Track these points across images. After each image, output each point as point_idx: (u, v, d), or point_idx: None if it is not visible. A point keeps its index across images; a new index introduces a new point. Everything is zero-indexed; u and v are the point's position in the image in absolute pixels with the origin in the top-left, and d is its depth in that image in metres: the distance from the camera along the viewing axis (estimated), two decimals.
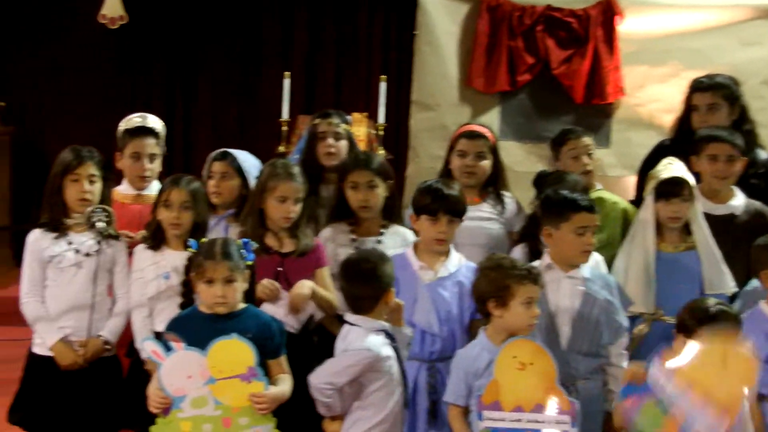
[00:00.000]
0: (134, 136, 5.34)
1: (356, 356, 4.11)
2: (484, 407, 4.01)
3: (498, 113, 7.79)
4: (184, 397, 4.04)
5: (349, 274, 4.27)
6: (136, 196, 5.31)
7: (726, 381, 3.88)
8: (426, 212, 4.62)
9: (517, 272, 4.15)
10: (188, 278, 4.41)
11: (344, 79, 10.15)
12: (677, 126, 5.85)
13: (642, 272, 4.90)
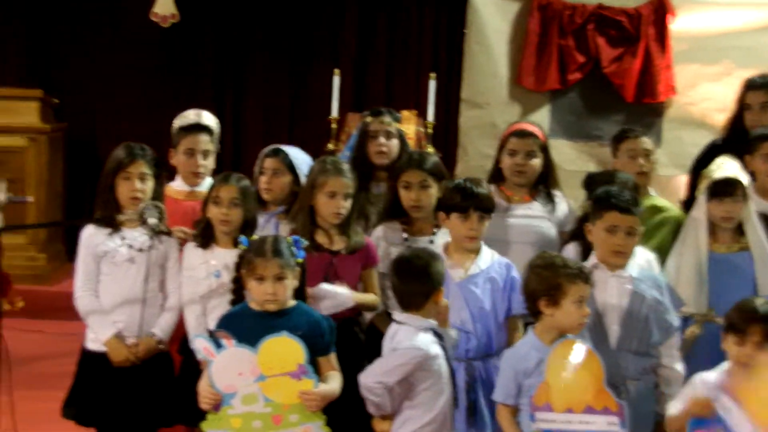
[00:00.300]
0: (188, 132, 5.37)
1: (406, 355, 4.11)
2: (537, 408, 4.00)
3: (548, 112, 7.80)
4: (234, 394, 4.06)
5: (401, 271, 4.27)
6: (189, 192, 5.34)
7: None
8: (457, 210, 4.61)
9: (569, 271, 4.13)
10: (239, 275, 4.43)
11: (394, 76, 10.15)
12: (730, 125, 5.81)
13: (694, 273, 4.87)
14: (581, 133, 7.78)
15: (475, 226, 4.61)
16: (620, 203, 4.47)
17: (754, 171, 5.17)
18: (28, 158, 9.44)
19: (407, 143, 5.78)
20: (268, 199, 5.25)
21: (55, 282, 9.26)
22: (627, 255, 4.50)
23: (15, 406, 4.57)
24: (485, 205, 4.65)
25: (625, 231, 4.45)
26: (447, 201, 4.68)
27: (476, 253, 4.69)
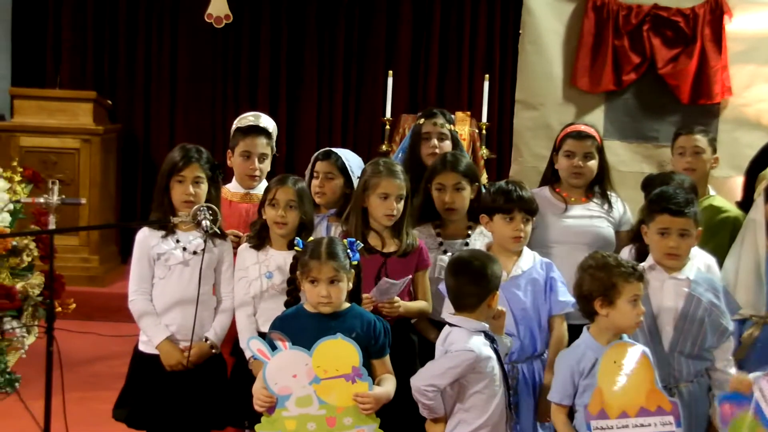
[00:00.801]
0: (246, 134, 5.39)
1: (458, 357, 4.10)
2: (592, 417, 3.98)
3: (603, 113, 7.74)
4: (289, 396, 4.06)
5: (457, 271, 4.27)
6: (245, 194, 5.37)
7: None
8: (501, 212, 4.63)
9: (624, 270, 4.12)
10: (294, 277, 4.45)
11: (447, 77, 10.14)
12: None
13: (752, 274, 4.83)
14: (636, 135, 7.72)
15: (520, 227, 4.62)
16: (671, 205, 4.46)
17: None
18: (81, 160, 9.51)
19: (461, 144, 5.77)
20: (320, 202, 5.25)
21: (109, 284, 9.31)
22: (681, 257, 4.48)
23: (67, 408, 4.59)
24: (529, 206, 4.68)
25: (678, 233, 4.44)
26: (490, 203, 4.70)
27: (518, 255, 4.70)
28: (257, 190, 5.36)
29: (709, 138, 5.61)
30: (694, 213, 4.47)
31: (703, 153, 5.50)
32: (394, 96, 8.25)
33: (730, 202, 5.68)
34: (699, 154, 5.49)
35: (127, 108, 10.58)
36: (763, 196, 4.89)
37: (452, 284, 4.28)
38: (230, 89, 10.39)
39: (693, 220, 4.46)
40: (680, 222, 4.44)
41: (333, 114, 10.23)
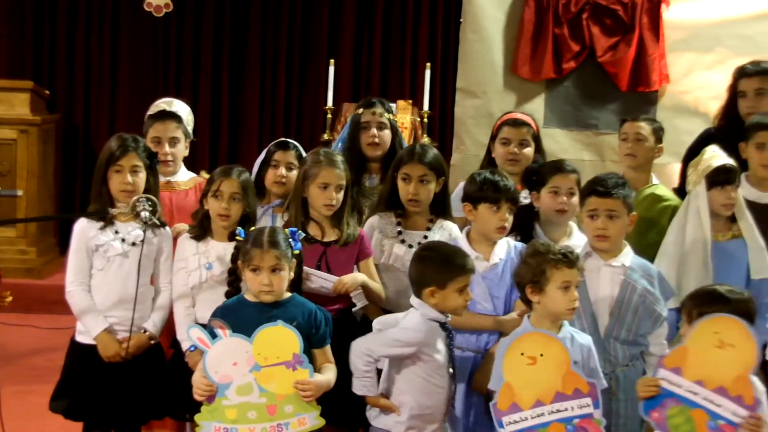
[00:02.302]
0: (155, 120, 5.38)
1: (404, 333, 4.13)
2: (503, 414, 3.94)
3: (543, 101, 7.83)
4: (229, 385, 4.04)
5: (423, 255, 4.28)
6: (165, 183, 5.29)
7: (727, 362, 3.85)
8: (488, 201, 4.61)
9: (552, 256, 4.13)
10: (235, 267, 4.43)
11: (390, 66, 10.14)
12: (723, 113, 5.81)
13: (700, 262, 4.88)
14: (576, 122, 7.80)
15: (506, 216, 4.62)
16: (598, 187, 4.52)
17: (748, 159, 5.17)
18: (18, 151, 9.37)
19: (400, 134, 5.76)
20: (279, 192, 5.22)
21: (47, 276, 9.22)
22: (611, 239, 4.50)
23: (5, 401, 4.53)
24: (514, 196, 4.69)
25: (606, 214, 4.48)
26: (477, 192, 4.67)
27: (494, 244, 4.70)
28: (178, 177, 5.36)
29: (654, 127, 5.65)
30: (623, 195, 4.50)
31: (646, 141, 5.54)
32: (336, 85, 8.23)
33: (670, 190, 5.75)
34: (641, 141, 5.53)
35: (67, 98, 10.47)
36: (704, 184, 4.93)
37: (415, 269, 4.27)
38: (172, 78, 10.31)
39: (622, 201, 4.48)
40: (607, 203, 4.47)
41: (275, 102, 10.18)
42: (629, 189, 4.60)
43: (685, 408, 3.92)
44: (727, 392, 3.84)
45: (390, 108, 5.72)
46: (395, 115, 6.28)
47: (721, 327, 3.89)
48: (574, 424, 3.93)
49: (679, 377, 3.95)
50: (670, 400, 3.96)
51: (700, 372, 3.91)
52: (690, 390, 3.92)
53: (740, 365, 3.85)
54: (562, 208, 4.82)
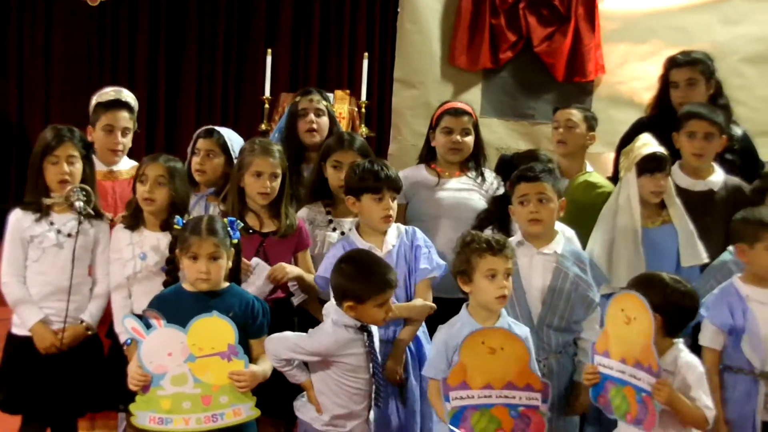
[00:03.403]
0: (108, 108, 5.33)
1: (310, 343, 4.13)
2: (450, 389, 3.98)
3: (480, 91, 7.84)
4: (164, 375, 4.05)
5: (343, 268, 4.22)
6: (108, 172, 5.29)
7: (635, 335, 3.92)
8: (370, 192, 4.61)
9: (476, 245, 4.15)
10: (173, 255, 4.41)
11: (328, 56, 10.14)
12: (655, 103, 5.89)
13: (631, 249, 4.93)
14: (513, 112, 7.84)
15: (390, 205, 4.63)
16: (527, 172, 4.58)
17: (680, 148, 5.24)
18: None
19: (338, 123, 5.78)
20: (200, 180, 5.22)
21: None
22: (543, 222, 4.55)
23: None
24: (395, 184, 4.69)
25: (536, 198, 4.53)
26: (358, 183, 4.66)
27: (384, 232, 4.71)
28: (120, 166, 5.34)
29: (585, 115, 5.71)
30: (550, 179, 4.56)
31: (576, 127, 5.61)
32: (274, 75, 8.22)
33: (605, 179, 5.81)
34: (571, 128, 5.60)
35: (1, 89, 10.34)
36: (635, 171, 4.98)
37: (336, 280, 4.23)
38: (108, 69, 10.22)
39: (551, 186, 4.54)
40: (537, 187, 4.53)
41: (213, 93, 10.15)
42: (556, 175, 4.68)
43: (620, 387, 4.00)
44: (641, 364, 3.92)
45: (327, 97, 5.74)
46: (333, 105, 6.30)
47: (624, 303, 3.99)
48: (518, 411, 3.97)
49: (609, 359, 4.03)
50: (609, 383, 4.04)
51: (621, 350, 3.99)
52: (619, 369, 3.99)
53: (643, 336, 3.91)
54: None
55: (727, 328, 4.37)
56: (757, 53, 7.71)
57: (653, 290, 4.02)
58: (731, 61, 7.34)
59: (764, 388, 4.32)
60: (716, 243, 4.90)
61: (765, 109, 7.47)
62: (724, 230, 4.76)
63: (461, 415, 3.97)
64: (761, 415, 4.32)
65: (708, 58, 5.73)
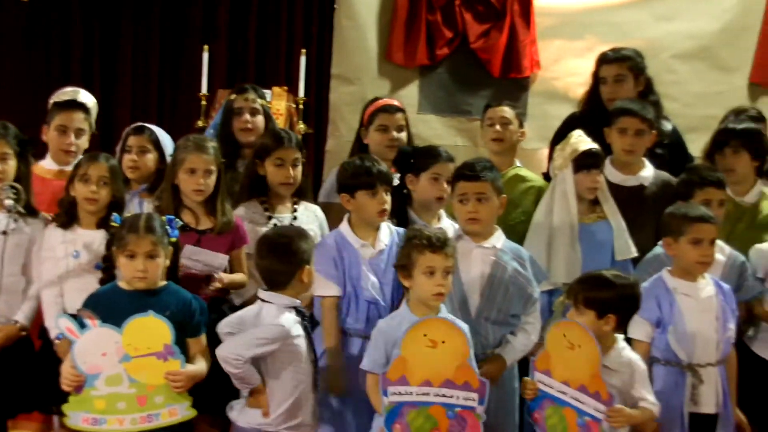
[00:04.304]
0: (62, 109, 5.31)
1: (267, 331, 4.13)
2: (389, 383, 4.00)
3: (417, 87, 7.90)
4: (98, 375, 4.02)
5: (265, 251, 4.28)
6: (59, 171, 5.24)
7: (581, 362, 3.98)
8: (364, 188, 4.62)
9: (417, 241, 4.16)
10: (110, 253, 4.38)
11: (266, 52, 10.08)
12: (587, 99, 5.97)
13: (568, 245, 4.98)
14: (450, 108, 7.89)
15: (384, 200, 4.65)
16: (466, 171, 4.60)
17: (612, 143, 5.31)
18: None
19: (273, 120, 5.79)
20: (133, 177, 5.22)
21: None
22: (482, 221, 4.57)
23: None
24: (388, 179, 4.72)
25: (475, 197, 4.55)
26: (352, 180, 4.68)
27: (377, 230, 4.72)
28: (71, 167, 5.24)
29: (516, 112, 5.76)
30: (491, 178, 4.57)
31: (510, 124, 5.64)
32: (211, 71, 8.15)
33: (537, 173, 5.86)
34: (506, 125, 5.63)
35: None
36: (571, 167, 5.03)
37: (261, 264, 4.30)
38: (41, 65, 10.08)
39: (490, 184, 4.56)
40: (476, 186, 4.54)
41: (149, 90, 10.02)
42: (497, 172, 4.69)
43: (558, 407, 4.05)
44: (587, 389, 3.97)
45: (263, 94, 5.75)
46: (270, 102, 6.30)
47: (566, 330, 4.07)
48: (455, 411, 3.99)
49: (551, 379, 4.08)
50: (546, 401, 4.10)
51: (564, 373, 4.05)
52: (560, 390, 4.06)
53: (590, 364, 3.97)
54: (441, 196, 4.89)
55: (655, 320, 4.43)
56: (689, 50, 7.84)
57: (603, 291, 4.11)
58: (664, 58, 7.47)
59: (690, 379, 4.40)
60: (647, 237, 4.97)
61: (697, 104, 7.60)
62: (654, 224, 4.84)
63: (398, 411, 3.99)
64: (688, 407, 4.40)
65: (638, 55, 5.81)
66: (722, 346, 4.44)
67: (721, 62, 7.91)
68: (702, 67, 7.89)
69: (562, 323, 4.13)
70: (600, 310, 4.08)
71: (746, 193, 5.34)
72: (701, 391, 4.40)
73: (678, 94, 7.23)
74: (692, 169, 5.16)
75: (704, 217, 4.47)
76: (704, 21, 7.88)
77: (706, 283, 4.51)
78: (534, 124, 7.57)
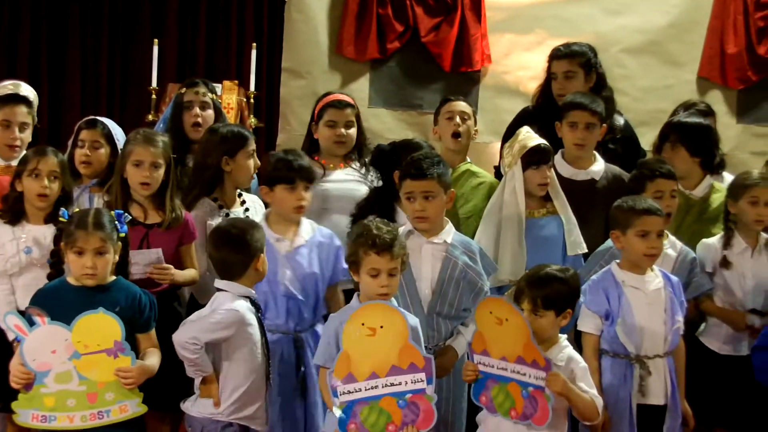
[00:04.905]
0: (5, 103, 5.26)
1: (222, 315, 4.12)
2: (337, 383, 3.98)
3: (368, 81, 7.92)
4: (47, 372, 3.99)
5: (219, 242, 4.27)
6: (6, 167, 5.20)
7: (511, 334, 4.00)
8: (283, 182, 4.63)
9: (363, 240, 4.13)
10: (58, 248, 4.35)
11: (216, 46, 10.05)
12: (540, 93, 5.98)
13: (516, 242, 4.99)
14: (401, 102, 7.92)
15: (303, 196, 4.64)
16: (412, 170, 4.56)
17: (563, 137, 5.34)
18: None
19: (224, 114, 5.77)
20: (86, 172, 5.18)
21: None
22: (430, 219, 4.55)
23: None
24: (310, 175, 4.70)
25: (422, 195, 4.53)
26: (271, 173, 4.68)
27: (297, 225, 4.72)
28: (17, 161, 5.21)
29: (472, 108, 5.78)
30: (437, 175, 4.54)
31: (469, 119, 5.66)
32: (161, 65, 8.13)
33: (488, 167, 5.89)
34: (466, 120, 5.64)
35: None
36: (520, 164, 5.04)
37: (215, 255, 4.29)
38: None
39: (437, 181, 4.53)
40: (423, 185, 4.52)
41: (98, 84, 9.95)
42: (445, 167, 4.64)
43: (503, 384, 4.06)
44: (524, 360, 3.99)
45: (213, 88, 5.73)
46: (221, 96, 6.27)
47: (491, 306, 4.10)
48: (406, 399, 3.98)
49: (489, 358, 4.09)
50: (490, 381, 4.10)
51: (500, 349, 4.06)
52: (500, 367, 4.06)
53: (520, 334, 4.00)
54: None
55: (604, 313, 4.46)
56: (638, 44, 7.93)
57: (557, 287, 4.13)
58: (614, 52, 7.54)
59: (638, 371, 4.43)
60: (597, 231, 4.98)
61: (646, 98, 7.69)
62: (605, 218, 4.85)
63: (350, 410, 3.98)
64: (636, 398, 4.43)
65: (590, 50, 5.83)
66: (670, 337, 4.47)
67: (671, 57, 8.00)
68: (651, 61, 7.98)
69: (487, 300, 4.18)
70: (559, 307, 4.10)
71: (695, 187, 5.40)
72: (649, 383, 4.43)
73: (628, 88, 7.30)
74: (642, 164, 5.19)
75: (651, 210, 4.49)
76: (653, 16, 7.97)
77: (655, 275, 4.54)
78: (485, 117, 7.62)
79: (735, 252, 5.06)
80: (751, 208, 5.02)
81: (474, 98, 7.68)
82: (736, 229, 5.08)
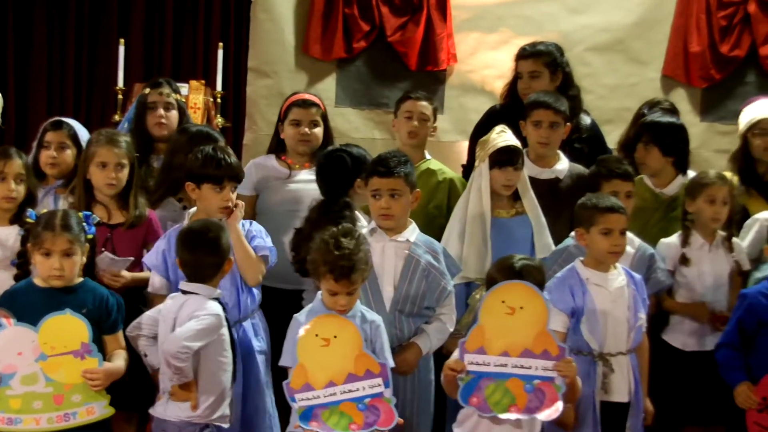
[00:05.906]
0: None
1: (206, 320, 4.11)
2: (294, 392, 4.01)
3: (335, 80, 7.91)
4: (13, 374, 4.00)
5: (191, 243, 4.25)
6: None
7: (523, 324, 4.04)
8: (210, 181, 4.57)
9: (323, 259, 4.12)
10: (24, 249, 4.35)
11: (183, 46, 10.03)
12: (507, 92, 6.00)
13: (480, 240, 5.00)
14: (368, 101, 7.91)
15: (229, 197, 4.60)
16: (379, 167, 4.58)
17: (527, 136, 5.36)
18: None
19: (188, 115, 5.78)
20: (52, 173, 5.17)
21: None
22: (394, 217, 4.57)
23: None
24: (237, 174, 4.67)
25: (388, 193, 4.54)
26: (199, 170, 4.61)
27: None
28: None
29: (433, 107, 5.78)
30: (404, 173, 4.55)
31: (428, 121, 5.67)
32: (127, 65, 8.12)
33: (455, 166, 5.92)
34: (425, 120, 5.65)
35: None
36: (487, 163, 5.05)
37: (188, 258, 4.25)
38: None
39: (403, 180, 4.54)
40: (389, 183, 4.53)
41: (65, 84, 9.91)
42: (411, 166, 4.66)
43: (500, 382, 4.05)
44: (531, 352, 4.01)
45: (177, 88, 5.74)
46: (188, 95, 6.27)
47: (505, 295, 4.07)
48: (365, 403, 4.01)
49: (485, 356, 4.07)
50: (484, 381, 4.07)
51: (502, 344, 4.06)
52: (498, 364, 4.06)
53: (536, 322, 4.03)
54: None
55: (569, 310, 4.49)
56: (602, 42, 7.96)
57: (531, 276, 4.20)
58: (577, 51, 7.55)
59: (601, 368, 4.46)
60: (562, 230, 5.02)
61: (611, 97, 7.72)
62: (569, 217, 4.89)
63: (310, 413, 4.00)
64: (599, 396, 4.46)
65: (556, 49, 5.86)
66: (633, 335, 4.52)
67: (635, 55, 8.04)
68: (615, 59, 8.01)
69: (499, 288, 4.12)
70: None
71: (666, 186, 5.46)
72: (612, 380, 4.47)
73: (592, 86, 7.32)
74: (601, 162, 5.24)
75: (614, 208, 4.53)
76: (617, 14, 8.00)
77: (618, 273, 4.58)
78: (451, 116, 7.66)
79: (693, 249, 5.14)
80: (708, 206, 5.11)
81: (440, 97, 7.71)
82: (693, 227, 5.16)
